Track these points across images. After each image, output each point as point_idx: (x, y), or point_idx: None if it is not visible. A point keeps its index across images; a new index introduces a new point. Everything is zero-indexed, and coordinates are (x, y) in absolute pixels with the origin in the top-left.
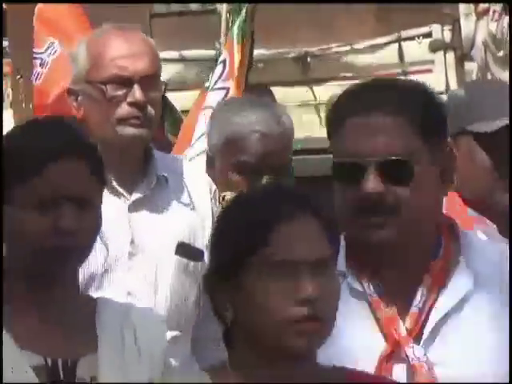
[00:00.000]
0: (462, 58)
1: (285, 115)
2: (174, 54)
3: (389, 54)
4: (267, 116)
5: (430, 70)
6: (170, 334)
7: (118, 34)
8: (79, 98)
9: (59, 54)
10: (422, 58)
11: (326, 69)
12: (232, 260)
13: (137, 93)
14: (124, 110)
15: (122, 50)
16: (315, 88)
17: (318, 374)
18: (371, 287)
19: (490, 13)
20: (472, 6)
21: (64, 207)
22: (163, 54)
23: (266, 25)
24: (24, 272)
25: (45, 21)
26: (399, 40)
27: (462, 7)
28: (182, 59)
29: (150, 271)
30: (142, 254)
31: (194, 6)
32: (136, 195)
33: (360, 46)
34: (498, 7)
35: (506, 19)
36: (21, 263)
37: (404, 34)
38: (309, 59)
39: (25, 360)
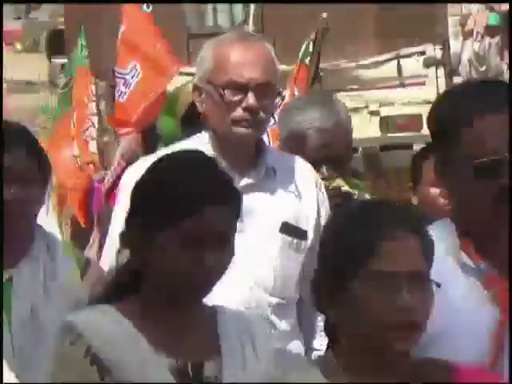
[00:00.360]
0: (451, 73)
1: (342, 111)
2: None
3: (389, 69)
4: (324, 113)
5: (423, 83)
6: (275, 300)
7: (240, 42)
8: (202, 96)
9: (140, 77)
10: (417, 73)
11: (336, 82)
12: (341, 268)
13: (250, 99)
14: (238, 113)
15: (241, 58)
16: None
17: (414, 369)
18: (483, 264)
19: (474, 34)
20: (459, 27)
21: (209, 245)
22: None
23: (287, 45)
24: (167, 295)
25: (128, 44)
26: (398, 57)
27: (451, 29)
28: None
29: (257, 246)
30: (250, 231)
31: (226, 27)
32: (246, 181)
33: (365, 62)
34: (481, 29)
35: (487, 40)
36: (164, 288)
37: (402, 52)
38: (321, 73)
39: (161, 361)
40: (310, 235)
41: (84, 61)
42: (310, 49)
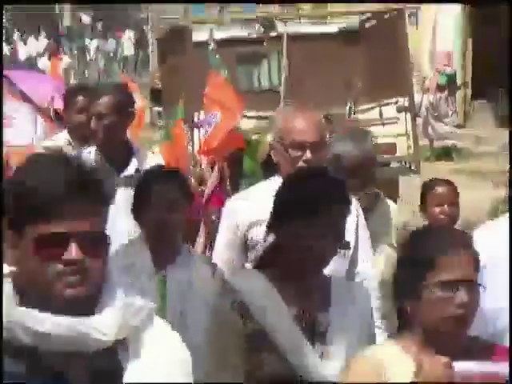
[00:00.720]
0: (414, 116)
1: (369, 143)
2: None
3: (374, 113)
4: (356, 144)
5: (396, 123)
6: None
7: (300, 112)
8: (275, 150)
9: (219, 122)
10: (392, 116)
11: (337, 122)
12: (413, 280)
13: (308, 155)
14: (301, 164)
15: (301, 124)
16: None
17: (466, 345)
18: None
19: (430, 90)
20: (420, 86)
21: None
22: None
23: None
24: (297, 267)
25: (213, 100)
26: (380, 105)
27: (415, 87)
28: None
29: None
30: None
31: (265, 87)
32: None
33: (359, 108)
34: (434, 87)
35: (438, 94)
36: (296, 262)
37: (383, 102)
38: (329, 116)
39: (287, 310)
40: (352, 245)
41: (182, 115)
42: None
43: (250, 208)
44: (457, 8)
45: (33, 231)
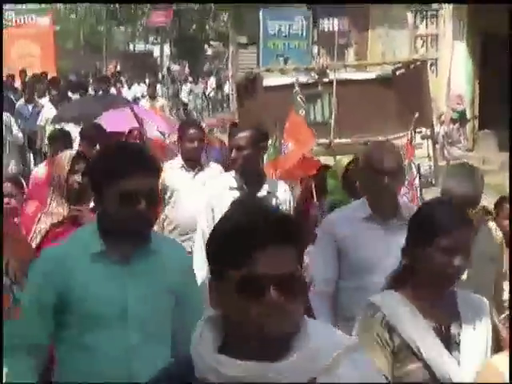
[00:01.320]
0: (434, 142)
1: (477, 178)
2: None
3: (404, 140)
4: (466, 181)
5: (421, 147)
6: None
7: (383, 148)
8: (361, 180)
9: (291, 149)
10: (418, 142)
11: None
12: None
13: (386, 180)
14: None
15: (382, 154)
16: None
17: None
18: None
19: (445, 122)
20: (438, 119)
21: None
22: None
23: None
24: (431, 284)
25: (291, 133)
26: (412, 134)
27: (434, 121)
28: None
29: None
30: None
31: (319, 119)
32: (392, 222)
33: (392, 136)
34: (448, 120)
35: (451, 126)
36: (430, 280)
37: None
38: (368, 143)
39: (427, 324)
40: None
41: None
42: None
43: (345, 222)
44: (468, 60)
45: (235, 275)
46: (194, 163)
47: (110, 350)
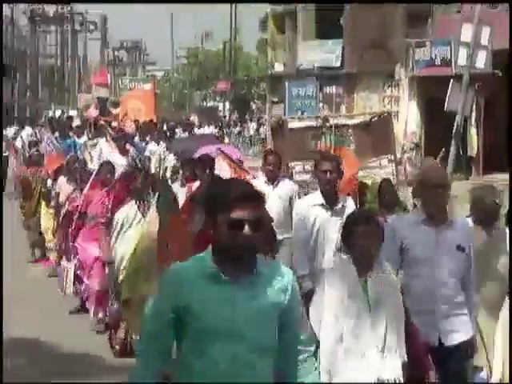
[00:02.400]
0: (397, 164)
1: (497, 195)
2: None
3: (376, 163)
4: (489, 196)
5: (387, 167)
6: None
7: (432, 166)
8: (419, 189)
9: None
10: (384, 165)
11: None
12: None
13: (443, 197)
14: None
15: (435, 173)
16: None
17: None
18: None
19: (407, 150)
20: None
21: None
22: None
23: None
24: None
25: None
26: (379, 159)
27: (397, 150)
28: None
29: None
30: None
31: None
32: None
33: (369, 161)
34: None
35: (407, 154)
36: None
37: (381, 157)
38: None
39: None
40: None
41: None
42: None
43: (404, 227)
44: (417, 112)
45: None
46: (273, 179)
47: (220, 359)
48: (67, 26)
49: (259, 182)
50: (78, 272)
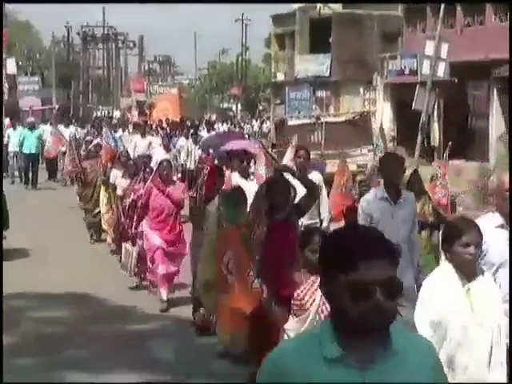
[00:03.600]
0: (374, 153)
1: None
2: None
3: (358, 151)
4: None
5: (367, 155)
6: None
7: (503, 177)
8: (497, 195)
9: None
10: (364, 153)
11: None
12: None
13: None
14: None
15: (505, 180)
16: None
17: None
18: None
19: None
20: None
21: None
22: None
23: None
24: None
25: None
26: (361, 148)
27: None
28: None
29: None
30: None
31: None
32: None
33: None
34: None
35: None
36: None
37: (362, 147)
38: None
39: None
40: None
41: None
42: None
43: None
44: (391, 111)
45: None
46: (304, 170)
47: None
48: (112, 44)
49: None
50: (144, 256)
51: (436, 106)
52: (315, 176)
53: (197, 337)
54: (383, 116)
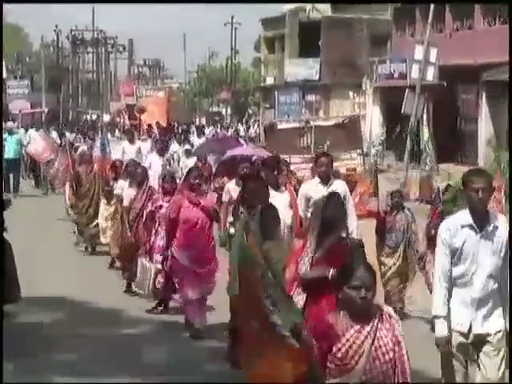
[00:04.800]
0: (364, 156)
1: None
2: None
3: (348, 155)
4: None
5: (356, 159)
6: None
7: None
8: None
9: None
10: (355, 156)
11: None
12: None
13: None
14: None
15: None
16: None
17: None
18: None
19: (376, 145)
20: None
21: None
22: None
23: None
24: None
25: None
26: (350, 152)
27: (364, 145)
28: None
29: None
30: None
31: None
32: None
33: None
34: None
35: (375, 148)
36: None
37: (351, 151)
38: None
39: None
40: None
41: None
42: None
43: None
44: (380, 115)
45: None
46: (327, 180)
47: None
48: (101, 47)
49: (313, 183)
50: (162, 276)
51: (425, 110)
52: (339, 185)
53: (190, 340)
54: (372, 120)
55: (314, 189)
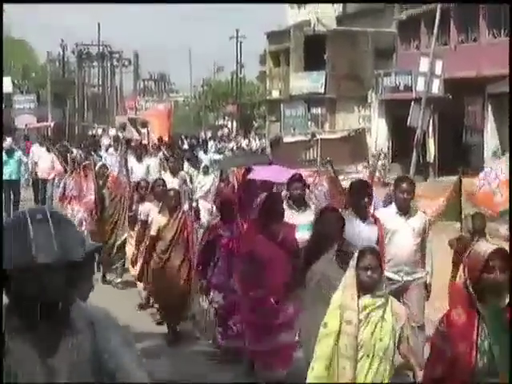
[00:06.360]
0: (369, 169)
1: None
2: None
3: (354, 168)
4: None
5: (362, 172)
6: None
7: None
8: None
9: None
10: (360, 169)
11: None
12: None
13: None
14: None
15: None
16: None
17: None
18: None
19: (381, 158)
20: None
21: None
22: None
23: None
24: None
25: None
26: (356, 165)
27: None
28: None
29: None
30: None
31: None
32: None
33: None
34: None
35: (379, 161)
36: None
37: (358, 163)
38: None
39: None
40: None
41: None
42: None
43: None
44: (385, 128)
45: None
46: (406, 211)
47: None
48: (107, 62)
49: (390, 212)
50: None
51: (431, 123)
52: (420, 218)
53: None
54: (378, 133)
55: (391, 219)
